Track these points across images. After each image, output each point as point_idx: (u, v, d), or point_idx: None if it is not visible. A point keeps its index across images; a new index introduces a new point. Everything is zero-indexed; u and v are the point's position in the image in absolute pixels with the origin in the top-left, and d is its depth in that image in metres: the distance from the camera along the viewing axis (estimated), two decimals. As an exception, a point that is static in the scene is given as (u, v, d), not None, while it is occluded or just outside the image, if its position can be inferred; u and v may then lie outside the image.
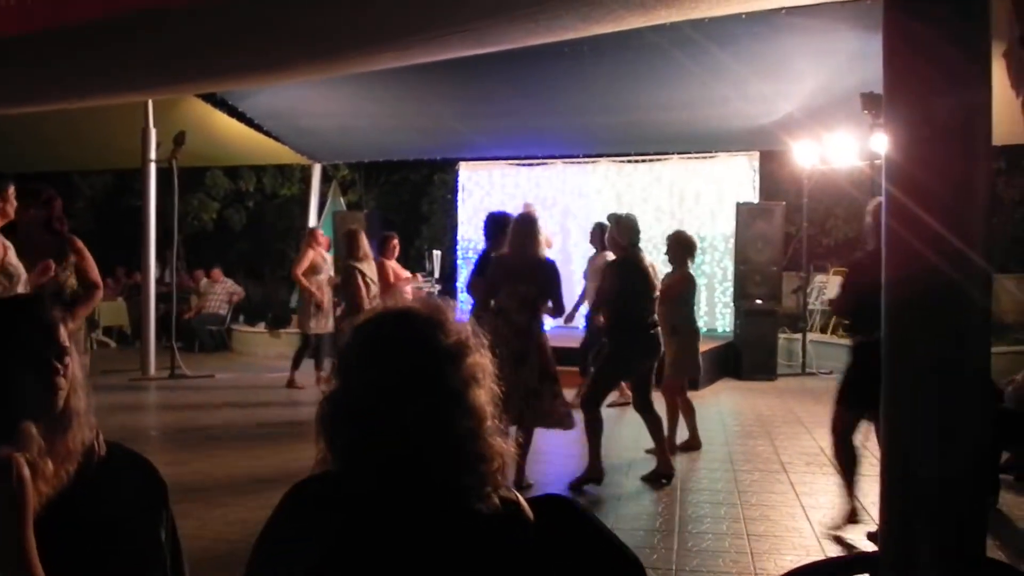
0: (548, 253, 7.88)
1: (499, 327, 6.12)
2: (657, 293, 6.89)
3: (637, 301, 6.68)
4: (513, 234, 6.52)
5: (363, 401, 1.61)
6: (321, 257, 11.20)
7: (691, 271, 7.78)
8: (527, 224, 6.54)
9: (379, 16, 5.27)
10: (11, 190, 5.67)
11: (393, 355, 1.63)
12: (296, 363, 11.14)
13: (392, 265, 10.34)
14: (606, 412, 6.92)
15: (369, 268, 9.68)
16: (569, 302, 8.43)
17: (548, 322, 6.82)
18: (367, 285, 9.49)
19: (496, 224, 7.18)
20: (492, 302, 6.48)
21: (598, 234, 9.37)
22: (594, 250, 9.84)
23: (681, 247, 7.70)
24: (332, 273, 11.38)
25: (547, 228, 12.62)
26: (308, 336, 11.08)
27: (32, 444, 1.93)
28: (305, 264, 10.95)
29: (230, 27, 5.36)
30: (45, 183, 6.71)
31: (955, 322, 2.24)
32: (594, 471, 6.50)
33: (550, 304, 6.50)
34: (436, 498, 1.60)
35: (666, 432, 7.18)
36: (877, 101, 8.33)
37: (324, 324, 11.00)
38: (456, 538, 1.59)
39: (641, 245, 6.94)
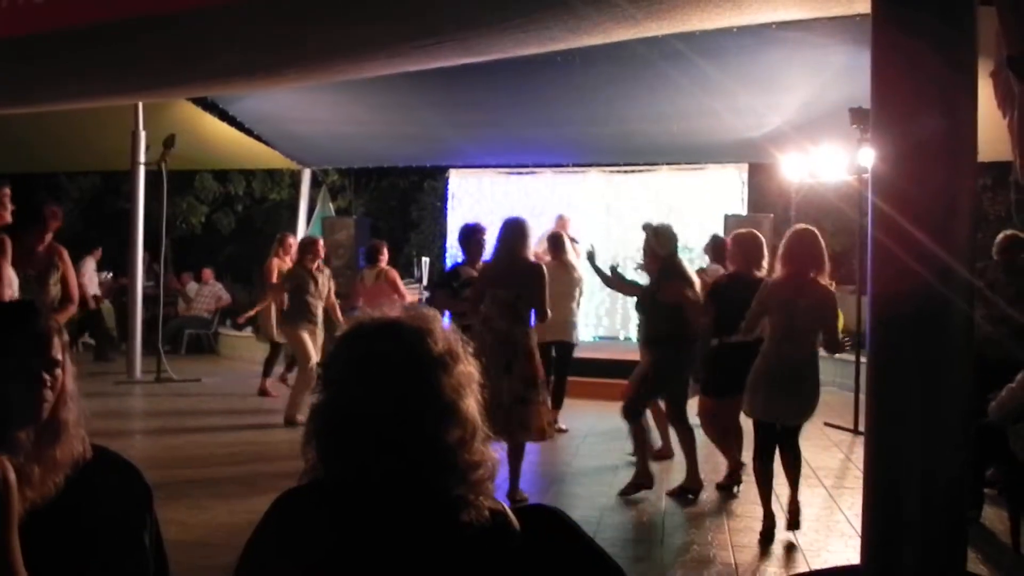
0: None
1: (483, 335, 6.06)
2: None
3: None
4: (499, 239, 6.43)
5: (353, 412, 1.61)
6: (285, 265, 11.24)
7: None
8: (513, 229, 6.41)
9: (370, 25, 5.28)
10: (7, 193, 5.70)
11: (384, 366, 1.62)
12: (268, 370, 11.18)
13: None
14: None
15: (323, 278, 9.70)
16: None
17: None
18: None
19: (464, 236, 7.22)
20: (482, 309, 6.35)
21: (710, 246, 9.02)
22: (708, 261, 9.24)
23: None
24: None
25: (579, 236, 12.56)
26: (278, 344, 11.11)
27: (19, 450, 1.92)
28: (275, 273, 11.00)
29: (221, 33, 5.36)
30: (45, 195, 6.71)
31: (940, 335, 2.25)
32: (640, 480, 6.56)
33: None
34: (426, 508, 1.60)
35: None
36: (865, 116, 8.36)
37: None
38: (444, 548, 1.59)
39: (628, 254, 6.95)
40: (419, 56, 6.28)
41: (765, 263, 6.82)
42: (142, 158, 12.30)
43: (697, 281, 6.76)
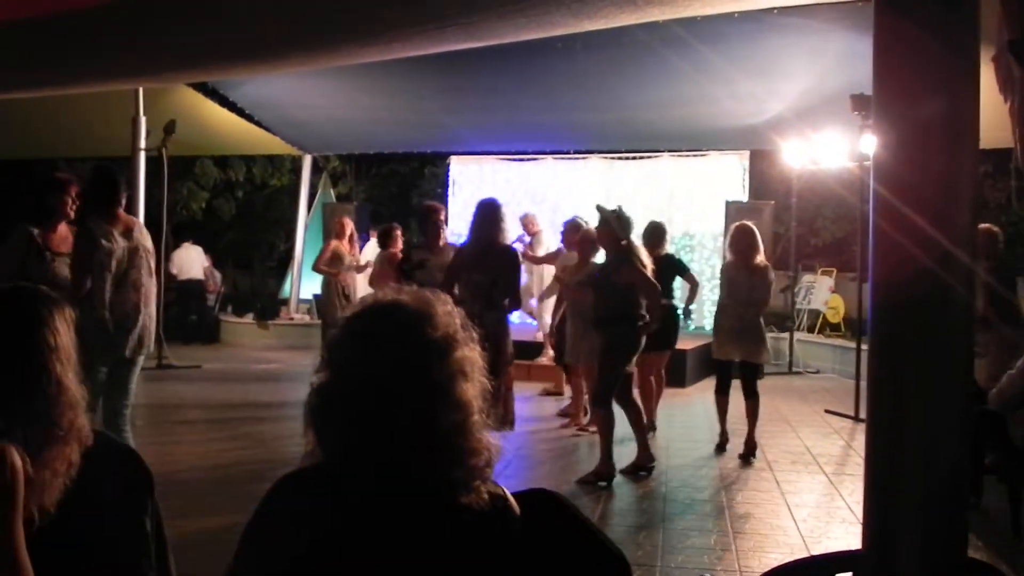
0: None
1: None
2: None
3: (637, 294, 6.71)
4: (475, 222, 6.28)
5: (351, 394, 1.62)
6: (344, 247, 11.15)
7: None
8: (488, 211, 6.28)
9: (370, 9, 5.26)
10: (75, 190, 5.76)
11: (380, 348, 1.63)
12: None
13: None
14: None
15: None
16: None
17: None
18: None
19: (421, 216, 6.97)
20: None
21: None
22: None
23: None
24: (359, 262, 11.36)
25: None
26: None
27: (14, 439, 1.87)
28: (326, 255, 10.90)
29: (221, 17, 5.35)
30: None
31: (942, 321, 2.25)
32: (605, 469, 6.55)
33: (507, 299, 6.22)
34: (424, 491, 1.60)
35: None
36: (866, 102, 8.34)
37: None
38: (443, 531, 1.60)
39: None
40: (420, 41, 6.25)
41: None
42: (142, 144, 12.26)
43: (650, 264, 6.86)
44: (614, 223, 6.81)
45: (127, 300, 5.48)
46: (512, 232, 6.70)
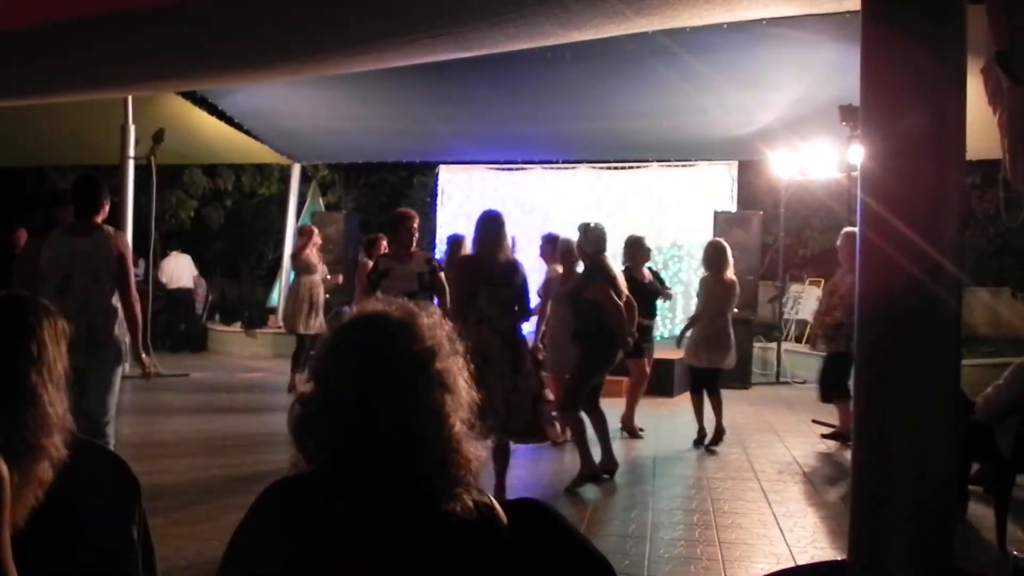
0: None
1: (484, 336, 5.78)
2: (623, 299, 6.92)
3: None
4: (485, 233, 6.12)
5: (333, 403, 1.64)
6: (316, 256, 11.08)
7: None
8: (497, 223, 6.17)
9: (360, 18, 5.26)
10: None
11: (361, 360, 1.66)
12: (296, 365, 10.56)
13: None
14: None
15: None
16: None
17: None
18: None
19: (392, 223, 6.96)
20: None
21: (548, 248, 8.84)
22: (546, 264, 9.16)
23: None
24: (328, 274, 11.31)
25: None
26: (303, 336, 10.66)
27: None
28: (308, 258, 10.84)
29: (210, 26, 5.34)
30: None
31: (929, 332, 2.26)
32: (589, 469, 6.69)
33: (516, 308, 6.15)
34: (407, 500, 1.61)
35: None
36: (855, 113, 8.38)
37: (317, 324, 10.64)
38: (429, 538, 1.60)
39: (617, 250, 7.11)
40: (410, 50, 6.25)
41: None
42: (131, 152, 12.22)
43: (622, 280, 7.08)
44: (581, 238, 7.04)
45: (69, 309, 5.22)
46: None
